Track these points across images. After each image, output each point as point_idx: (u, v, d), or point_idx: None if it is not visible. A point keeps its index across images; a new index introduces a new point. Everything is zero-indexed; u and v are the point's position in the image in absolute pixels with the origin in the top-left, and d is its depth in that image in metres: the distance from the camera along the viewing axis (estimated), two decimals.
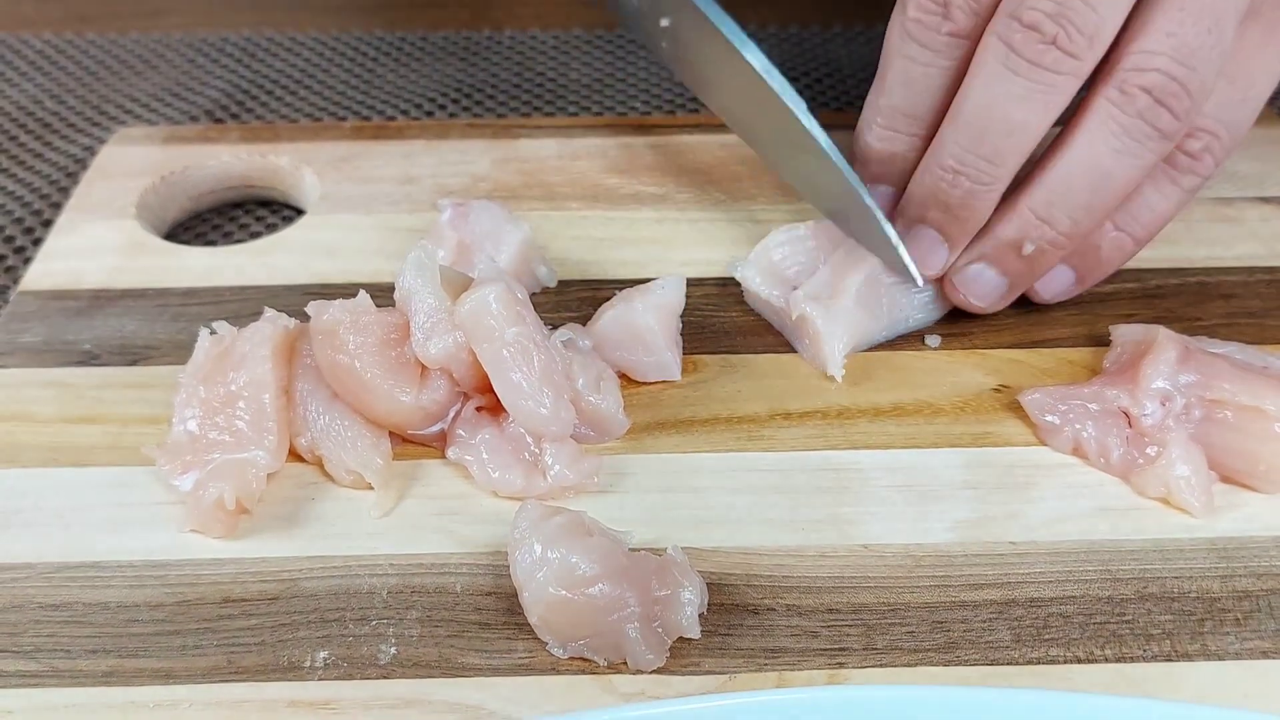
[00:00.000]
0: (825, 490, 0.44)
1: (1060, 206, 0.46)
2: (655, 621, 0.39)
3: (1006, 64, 0.44)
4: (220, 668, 0.39)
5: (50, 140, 0.66)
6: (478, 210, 0.52)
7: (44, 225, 0.60)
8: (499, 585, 0.41)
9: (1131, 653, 0.39)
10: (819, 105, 0.70)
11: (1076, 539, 0.42)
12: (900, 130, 0.49)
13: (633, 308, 0.48)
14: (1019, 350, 0.50)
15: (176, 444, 0.44)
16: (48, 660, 0.39)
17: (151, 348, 0.50)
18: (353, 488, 0.44)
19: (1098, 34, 0.44)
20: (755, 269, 0.51)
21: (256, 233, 0.59)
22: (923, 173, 0.48)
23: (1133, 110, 0.44)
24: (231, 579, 0.41)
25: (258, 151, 0.61)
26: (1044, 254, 0.48)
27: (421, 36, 0.76)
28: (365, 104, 0.70)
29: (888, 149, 0.50)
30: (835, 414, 0.47)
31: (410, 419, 0.45)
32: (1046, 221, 0.47)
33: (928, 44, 0.47)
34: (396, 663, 0.39)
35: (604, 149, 0.61)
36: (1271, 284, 0.53)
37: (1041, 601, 0.40)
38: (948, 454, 0.46)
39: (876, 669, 0.39)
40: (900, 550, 0.42)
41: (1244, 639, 0.39)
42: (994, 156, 0.46)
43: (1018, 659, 0.39)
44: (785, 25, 0.77)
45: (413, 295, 0.44)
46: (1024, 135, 0.45)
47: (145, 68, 0.73)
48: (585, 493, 0.44)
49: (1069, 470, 0.45)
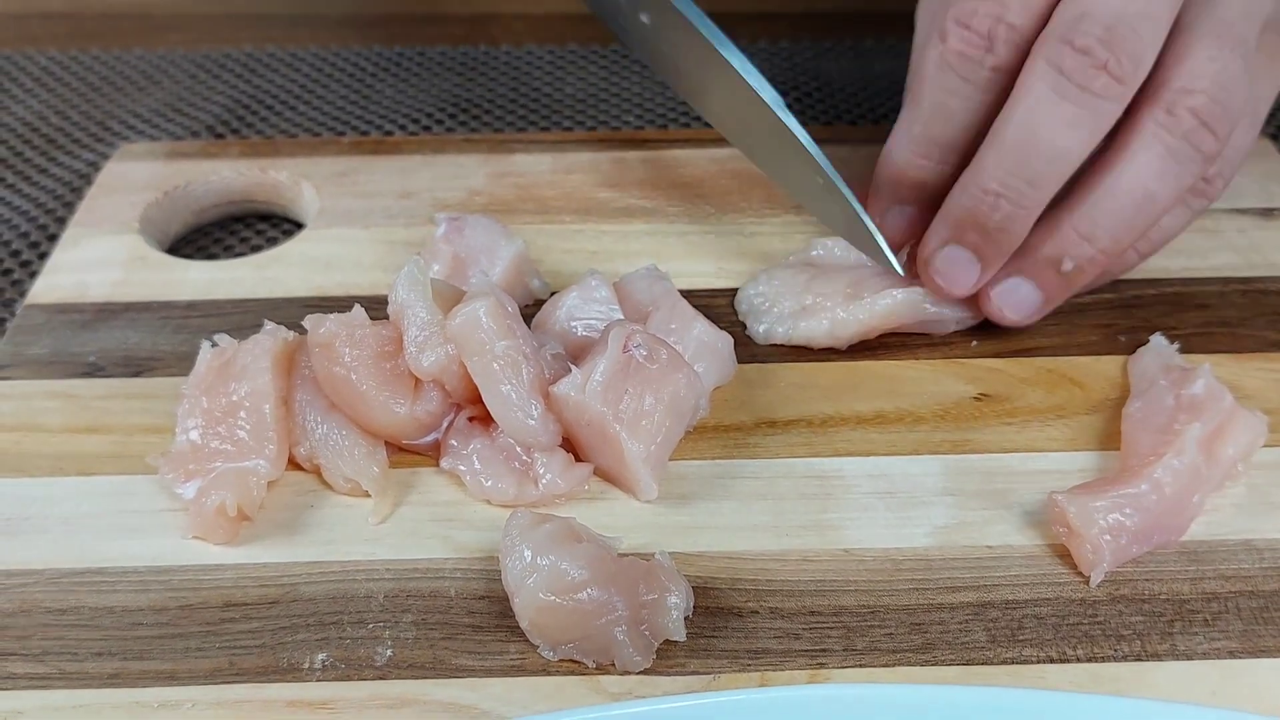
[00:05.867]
0: (809, 497, 0.45)
1: (1104, 226, 0.47)
2: (642, 625, 0.40)
3: (1056, 89, 0.45)
4: (222, 669, 0.40)
5: (55, 156, 0.67)
6: (472, 225, 0.54)
7: (49, 240, 0.61)
8: (491, 590, 0.42)
9: (1103, 653, 0.40)
10: (809, 119, 0.71)
11: (1052, 543, 0.44)
12: (934, 159, 0.49)
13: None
14: (999, 360, 0.51)
15: (179, 453, 0.46)
16: (55, 663, 0.40)
17: (155, 359, 0.51)
18: (350, 495, 0.45)
19: (1142, 59, 0.45)
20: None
21: (257, 246, 0.61)
22: (960, 194, 0.48)
23: (1179, 132, 0.45)
24: (233, 584, 0.42)
25: (258, 166, 0.62)
26: (1082, 271, 0.49)
27: (419, 52, 0.78)
28: (363, 119, 0.71)
29: (920, 177, 0.50)
30: (819, 422, 0.48)
31: (405, 429, 0.46)
32: (1088, 240, 0.47)
33: (969, 77, 0.47)
34: (392, 664, 0.40)
35: (597, 163, 0.63)
36: (1247, 294, 0.54)
37: (1016, 603, 0.42)
38: (928, 461, 0.47)
39: (856, 669, 0.40)
40: (881, 554, 0.43)
41: (1212, 639, 0.41)
42: (1037, 180, 0.46)
43: (993, 659, 0.40)
44: (776, 41, 0.79)
45: (406, 309, 0.45)
46: (1067, 160, 0.46)
47: (148, 84, 0.74)
48: (576, 500, 0.45)
49: (1045, 476, 0.46)
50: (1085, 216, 0.47)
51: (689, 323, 0.49)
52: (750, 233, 0.58)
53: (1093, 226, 0.47)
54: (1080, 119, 0.45)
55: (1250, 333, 0.52)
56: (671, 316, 0.49)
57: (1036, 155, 0.45)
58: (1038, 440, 0.48)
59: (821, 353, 0.51)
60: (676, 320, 0.49)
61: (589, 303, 0.50)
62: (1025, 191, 0.46)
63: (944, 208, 0.49)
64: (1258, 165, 0.61)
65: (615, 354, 0.44)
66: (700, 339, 0.49)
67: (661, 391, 0.44)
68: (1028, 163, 0.46)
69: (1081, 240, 0.48)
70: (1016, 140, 0.46)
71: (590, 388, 0.44)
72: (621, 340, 0.45)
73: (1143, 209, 0.47)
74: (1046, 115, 0.45)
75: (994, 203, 0.47)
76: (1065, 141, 0.45)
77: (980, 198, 0.47)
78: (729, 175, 0.62)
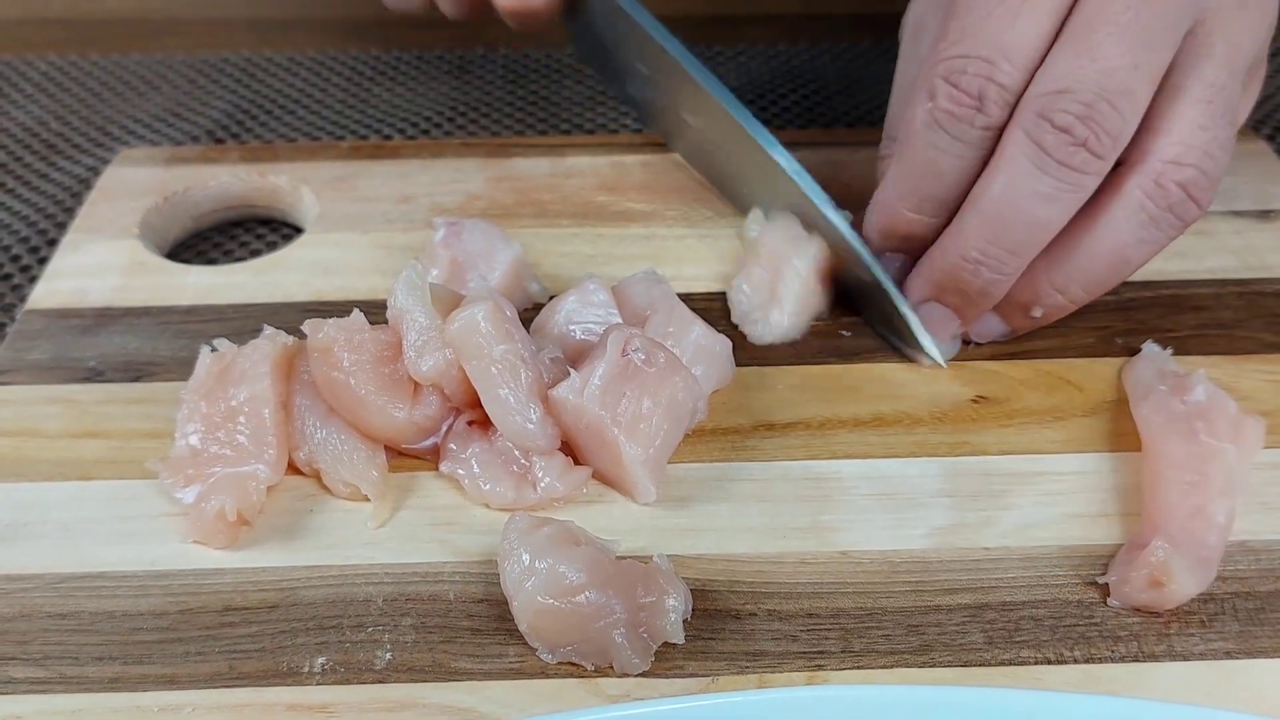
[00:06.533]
0: (806, 499, 0.46)
1: (1078, 281, 0.48)
2: (641, 627, 0.40)
3: (1036, 163, 0.45)
4: (222, 673, 0.40)
5: (55, 161, 0.68)
6: (470, 229, 0.54)
7: (49, 245, 0.61)
8: (490, 593, 0.42)
9: (1100, 654, 0.40)
10: (806, 122, 0.71)
11: (1048, 544, 0.44)
12: (926, 214, 0.49)
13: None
14: (996, 362, 0.51)
15: (179, 458, 0.46)
16: (56, 667, 0.40)
17: (154, 364, 0.51)
18: (349, 500, 0.46)
19: (1121, 135, 0.45)
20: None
21: (256, 251, 0.61)
22: (940, 258, 0.48)
23: (1164, 204, 0.46)
24: (232, 588, 0.43)
25: (257, 171, 0.62)
26: (1049, 315, 0.50)
27: (417, 56, 0.78)
28: (362, 123, 0.71)
29: (910, 230, 0.50)
30: (817, 425, 0.49)
31: (404, 433, 0.46)
32: (1061, 292, 0.48)
33: (959, 136, 0.47)
34: (392, 668, 0.40)
35: (595, 167, 0.63)
36: (1242, 296, 0.54)
37: (1013, 605, 0.42)
38: (925, 463, 0.47)
39: (854, 671, 0.40)
40: (878, 556, 0.43)
41: (1209, 640, 0.41)
42: (1016, 249, 0.46)
43: (990, 660, 0.40)
44: (773, 43, 0.79)
45: (405, 314, 0.45)
46: (1047, 230, 0.46)
47: (147, 89, 0.74)
48: (574, 503, 0.45)
49: (1042, 479, 0.46)
50: (1061, 272, 0.48)
51: (687, 326, 0.49)
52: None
53: (1068, 281, 0.48)
54: (1060, 192, 0.45)
55: (1246, 335, 0.53)
56: (669, 320, 0.49)
57: (1017, 225, 0.46)
58: (1035, 442, 0.48)
59: (819, 356, 0.52)
60: (674, 324, 0.49)
61: (587, 307, 0.50)
62: (1005, 259, 0.47)
63: (925, 265, 0.50)
64: (1254, 168, 0.61)
65: (614, 358, 0.44)
66: (698, 342, 0.49)
67: (660, 395, 0.45)
68: (1008, 232, 0.46)
69: (1055, 292, 0.49)
70: (997, 210, 0.46)
71: (589, 391, 0.44)
72: (620, 344, 0.45)
73: (1118, 269, 0.48)
74: (1026, 188, 0.45)
75: (974, 270, 0.47)
76: (1045, 213, 0.46)
77: (961, 264, 0.48)
78: None
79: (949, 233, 0.48)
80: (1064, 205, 0.45)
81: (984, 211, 0.46)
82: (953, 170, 0.47)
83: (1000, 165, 0.46)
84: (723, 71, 0.76)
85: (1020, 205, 0.45)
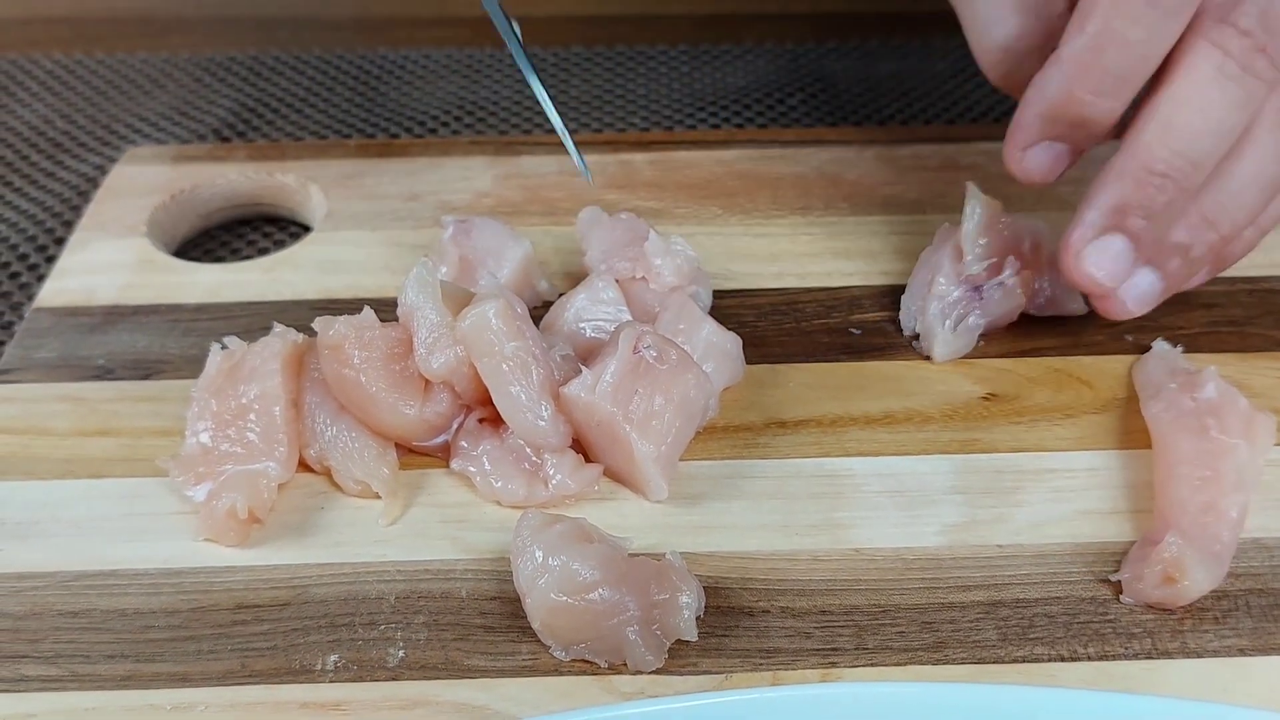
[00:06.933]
0: (819, 496, 0.45)
1: (1229, 214, 0.46)
2: (654, 624, 0.40)
3: (1222, 69, 0.43)
4: (234, 671, 0.40)
5: (62, 160, 0.68)
6: (480, 226, 0.54)
7: (57, 243, 0.61)
8: (503, 590, 0.42)
9: (1114, 651, 0.40)
10: (815, 120, 0.71)
11: (1061, 541, 0.44)
12: (1107, 95, 0.45)
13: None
14: (1006, 359, 0.51)
15: (189, 456, 0.46)
16: (68, 665, 0.40)
17: (164, 362, 0.51)
18: (360, 497, 0.46)
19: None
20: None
21: (265, 249, 0.61)
22: (1116, 179, 0.45)
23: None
24: (244, 586, 0.43)
25: (265, 170, 0.62)
26: (1202, 259, 0.48)
27: (424, 55, 0.78)
28: (370, 122, 0.71)
29: (1084, 113, 0.46)
30: (829, 422, 0.48)
31: (414, 431, 0.46)
32: (1213, 225, 0.46)
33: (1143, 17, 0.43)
34: (404, 665, 0.40)
35: (603, 164, 0.63)
36: (1253, 293, 0.54)
37: (1027, 602, 0.42)
38: (937, 460, 0.47)
39: (868, 668, 0.40)
40: (891, 554, 0.43)
41: (1223, 637, 0.41)
42: (1202, 162, 0.45)
43: (1004, 657, 0.40)
44: (782, 42, 0.79)
45: (415, 311, 0.45)
46: (1230, 141, 0.45)
47: (154, 87, 0.74)
48: (586, 500, 0.45)
49: (1054, 475, 0.46)
50: (1212, 202, 0.46)
51: (697, 324, 0.49)
52: (757, 234, 0.58)
53: (1219, 212, 0.46)
54: (1243, 100, 0.44)
55: (1257, 331, 0.52)
56: (680, 317, 0.49)
57: (1205, 135, 0.44)
58: (1046, 439, 0.48)
59: (830, 353, 0.52)
60: (685, 321, 0.49)
61: (597, 304, 0.50)
62: (1190, 173, 0.45)
63: (1095, 194, 0.46)
64: None
65: (625, 355, 0.44)
66: (709, 340, 0.49)
67: (671, 392, 0.45)
68: (1196, 143, 0.44)
69: (1208, 226, 0.46)
70: (1184, 120, 0.44)
71: (600, 388, 0.44)
72: (632, 341, 0.45)
73: (1265, 193, 0.46)
74: (1215, 96, 0.44)
75: (1160, 184, 0.45)
76: (1232, 121, 0.44)
77: (1146, 179, 0.45)
78: (735, 176, 0.62)
79: (1123, 154, 0.45)
80: (1245, 115, 0.44)
81: (1169, 122, 0.44)
82: (1142, 44, 0.44)
83: (1182, 74, 0.44)
84: (730, 70, 0.76)
85: (1211, 113, 0.44)
